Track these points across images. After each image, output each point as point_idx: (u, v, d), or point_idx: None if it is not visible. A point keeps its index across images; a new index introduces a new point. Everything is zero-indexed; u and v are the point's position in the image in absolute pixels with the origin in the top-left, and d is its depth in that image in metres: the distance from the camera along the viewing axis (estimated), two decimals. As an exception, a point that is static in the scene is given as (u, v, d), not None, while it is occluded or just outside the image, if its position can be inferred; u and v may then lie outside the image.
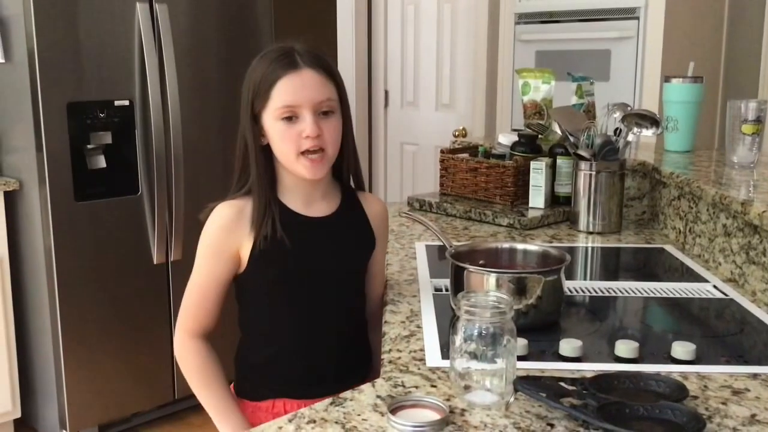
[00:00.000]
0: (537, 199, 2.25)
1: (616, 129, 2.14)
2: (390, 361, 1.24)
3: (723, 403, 1.10)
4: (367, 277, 1.54)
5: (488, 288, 1.37)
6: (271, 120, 1.35)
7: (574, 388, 1.07)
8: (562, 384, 1.08)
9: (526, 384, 1.06)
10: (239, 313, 1.50)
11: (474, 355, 1.07)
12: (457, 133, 3.73)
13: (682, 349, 1.25)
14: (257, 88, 1.35)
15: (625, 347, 1.26)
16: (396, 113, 4.28)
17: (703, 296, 1.61)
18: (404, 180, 4.27)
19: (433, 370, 1.21)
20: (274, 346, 1.44)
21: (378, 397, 1.11)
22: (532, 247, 1.53)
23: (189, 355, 1.46)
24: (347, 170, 1.47)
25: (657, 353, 1.28)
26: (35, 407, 3.03)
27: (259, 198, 1.38)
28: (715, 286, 1.66)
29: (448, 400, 1.09)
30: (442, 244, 1.61)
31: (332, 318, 1.43)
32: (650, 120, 2.09)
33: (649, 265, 1.93)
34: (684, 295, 1.61)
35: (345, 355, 1.48)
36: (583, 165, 2.10)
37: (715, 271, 1.77)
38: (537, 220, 2.16)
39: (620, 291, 1.63)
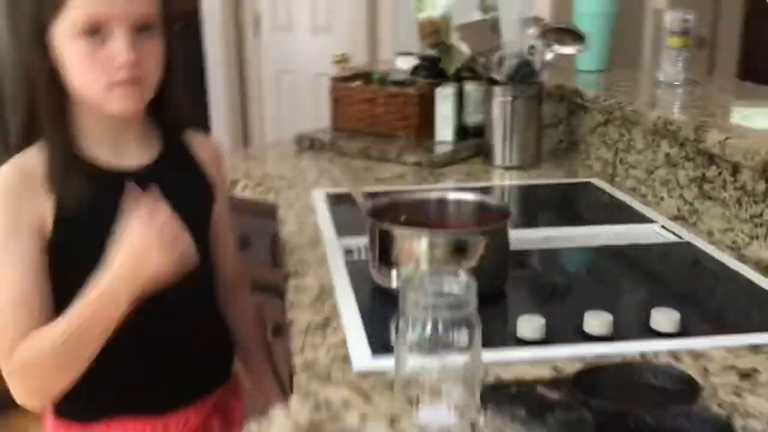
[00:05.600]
0: (444, 131, 1.96)
1: (530, 47, 1.88)
2: (305, 366, 0.94)
3: (736, 394, 0.87)
4: (211, 241, 1.17)
5: (419, 253, 1.08)
6: (65, 37, 0.96)
7: (558, 396, 0.81)
8: (542, 391, 0.82)
9: (497, 399, 0.79)
10: None
11: (429, 351, 0.76)
12: (337, 59, 3.38)
13: (664, 318, 1.01)
14: None
15: (595, 321, 1.01)
16: (267, 39, 3.87)
17: (653, 240, 1.39)
18: (282, 114, 3.89)
19: (363, 375, 0.91)
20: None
21: (297, 426, 0.81)
22: (466, 196, 1.23)
23: (25, 348, 0.97)
24: (169, 105, 1.09)
25: (632, 325, 1.03)
26: None
27: (55, 146, 1.00)
28: (663, 227, 1.44)
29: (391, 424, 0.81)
30: (344, 191, 1.30)
31: (173, 302, 1.01)
32: (572, 35, 1.83)
33: (579, 203, 1.70)
34: (632, 241, 1.38)
35: (199, 348, 1.13)
36: (498, 90, 1.83)
37: (656, 208, 1.55)
38: (448, 156, 1.88)
39: (559, 241, 1.39)
